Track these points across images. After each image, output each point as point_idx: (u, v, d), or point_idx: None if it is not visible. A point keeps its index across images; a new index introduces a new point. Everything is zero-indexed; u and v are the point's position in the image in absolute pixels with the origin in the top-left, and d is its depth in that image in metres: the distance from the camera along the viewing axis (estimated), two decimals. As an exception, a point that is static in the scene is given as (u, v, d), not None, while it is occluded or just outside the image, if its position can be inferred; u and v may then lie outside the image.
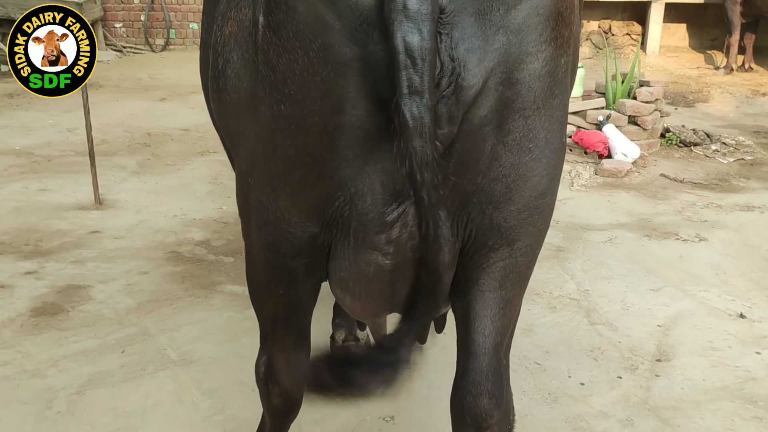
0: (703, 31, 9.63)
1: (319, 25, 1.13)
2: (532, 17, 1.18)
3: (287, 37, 1.18)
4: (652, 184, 4.56)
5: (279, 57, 1.20)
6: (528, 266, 1.43)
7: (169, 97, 7.25)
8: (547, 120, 1.29)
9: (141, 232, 3.84)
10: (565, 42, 1.27)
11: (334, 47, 1.14)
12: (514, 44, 1.18)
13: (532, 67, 1.21)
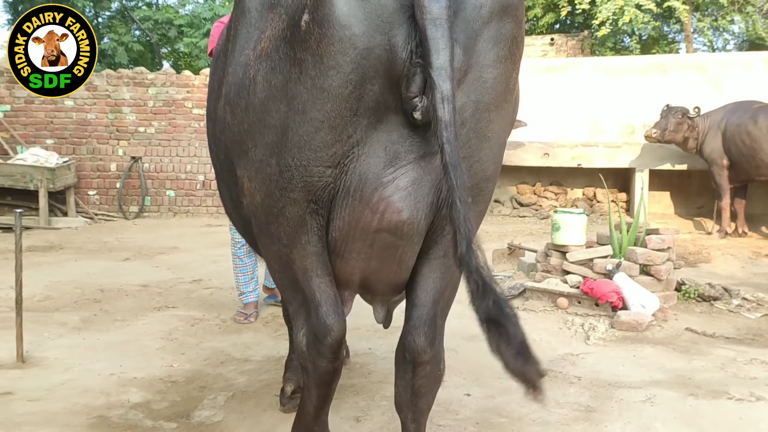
0: (688, 199, 9.54)
1: (353, 18, 1.53)
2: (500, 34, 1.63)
3: (327, 26, 1.54)
4: (680, 339, 3.93)
5: (318, 42, 1.56)
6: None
7: (134, 257, 6.69)
8: (501, 118, 1.72)
9: (64, 393, 3.06)
10: (517, 61, 1.71)
11: (361, 35, 1.53)
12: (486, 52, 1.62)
13: (495, 72, 1.64)
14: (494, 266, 6.05)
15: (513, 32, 1.66)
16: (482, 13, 1.60)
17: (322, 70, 1.57)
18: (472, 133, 1.65)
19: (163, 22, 15.06)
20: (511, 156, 9.45)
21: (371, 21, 1.53)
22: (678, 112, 8.06)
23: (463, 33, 1.57)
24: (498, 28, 1.62)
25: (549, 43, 14.23)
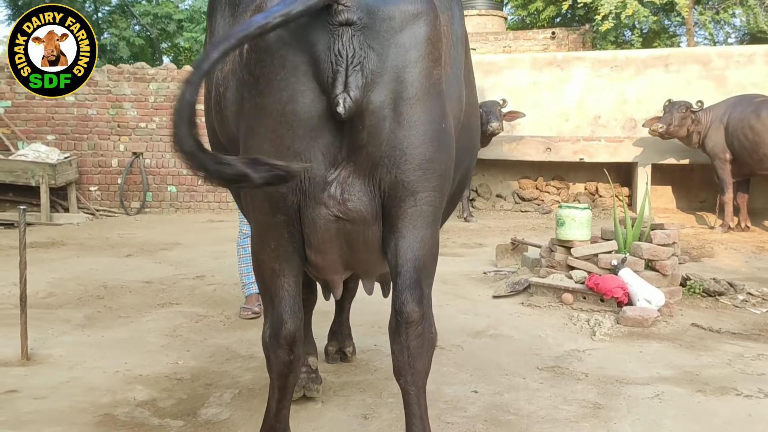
0: (690, 193, 9.52)
1: (280, 43, 1.82)
2: (413, 39, 1.88)
3: (260, 51, 1.85)
4: (686, 334, 3.92)
5: (255, 65, 1.87)
6: (432, 213, 1.98)
7: (136, 253, 6.68)
8: (426, 108, 1.91)
9: (69, 391, 3.05)
10: (437, 58, 1.94)
11: (289, 57, 1.83)
12: (401, 55, 1.87)
13: (414, 71, 1.88)
14: (497, 261, 6.04)
15: (427, 35, 1.90)
16: (392, 24, 1.86)
17: (259, 89, 1.88)
18: (395, 124, 1.88)
19: (162, 17, 15.00)
20: (513, 151, 9.44)
21: (295, 43, 1.82)
22: (681, 107, 8.03)
23: (376, 41, 1.84)
24: (411, 34, 1.88)
25: (550, 36, 14.19)
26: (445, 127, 2.00)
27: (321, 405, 2.88)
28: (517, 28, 16.64)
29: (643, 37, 13.87)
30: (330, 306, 3.60)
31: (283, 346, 2.08)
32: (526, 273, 5.14)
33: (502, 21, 15.95)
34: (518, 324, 4.11)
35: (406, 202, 1.93)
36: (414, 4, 1.90)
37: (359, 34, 1.82)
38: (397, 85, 1.87)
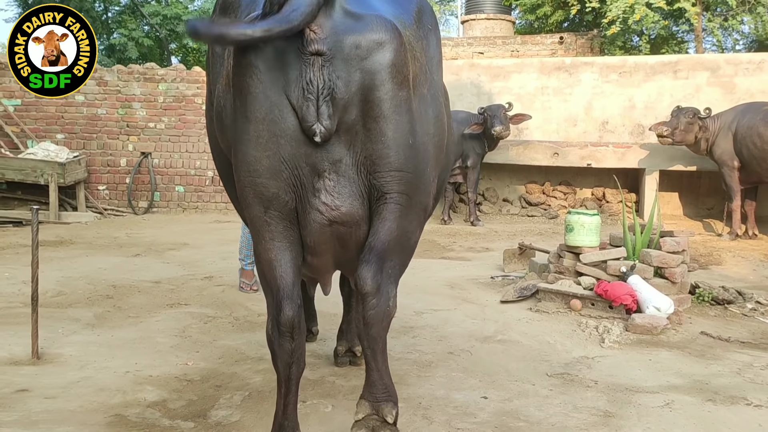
0: (698, 200, 9.50)
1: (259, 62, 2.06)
2: (378, 65, 2.10)
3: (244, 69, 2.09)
4: (695, 343, 3.92)
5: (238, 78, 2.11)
6: (399, 210, 2.25)
7: (144, 253, 6.70)
8: (392, 125, 2.16)
9: (80, 390, 3.06)
10: (402, 80, 2.16)
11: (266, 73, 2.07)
12: (368, 77, 2.10)
13: (380, 93, 2.12)
14: (505, 266, 6.04)
15: (391, 60, 2.13)
16: (359, 52, 2.08)
17: (243, 101, 2.12)
18: (366, 139, 2.15)
19: (171, 18, 15.04)
20: (520, 155, 9.44)
21: (272, 63, 2.07)
22: (689, 113, 8.01)
23: (344, 69, 2.08)
24: (375, 60, 2.11)
25: (558, 41, 14.17)
26: (413, 142, 2.24)
27: (331, 409, 2.89)
28: (525, 32, 16.63)
29: (651, 42, 13.84)
30: (338, 308, 3.62)
31: (284, 333, 2.24)
32: (534, 278, 5.13)
33: (510, 25, 15.94)
34: (527, 330, 4.11)
35: (378, 201, 2.24)
36: (378, 33, 2.12)
37: (329, 65, 2.06)
38: (365, 105, 2.12)
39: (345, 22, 2.10)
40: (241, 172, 2.19)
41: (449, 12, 24.64)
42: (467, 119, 8.91)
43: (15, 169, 8.89)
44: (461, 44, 14.34)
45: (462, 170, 9.03)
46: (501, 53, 13.79)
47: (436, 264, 6.33)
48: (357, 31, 2.10)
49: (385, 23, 2.15)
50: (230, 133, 2.26)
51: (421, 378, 3.26)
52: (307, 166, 2.13)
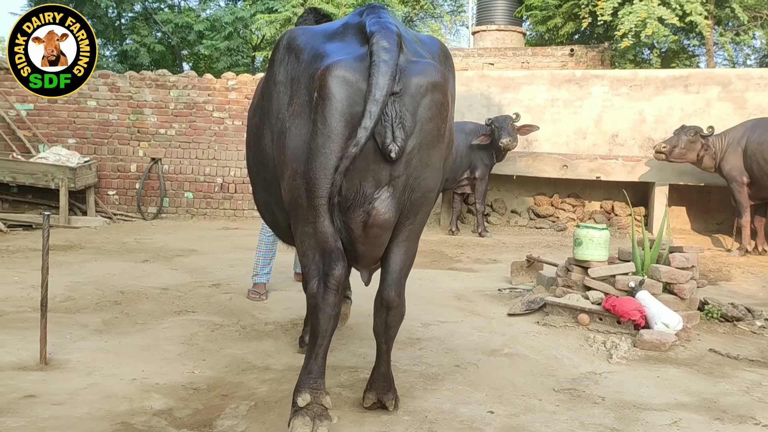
0: (707, 214, 9.45)
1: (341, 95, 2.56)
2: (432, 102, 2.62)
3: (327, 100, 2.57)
4: (703, 360, 3.89)
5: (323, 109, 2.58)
6: (421, 230, 2.86)
7: (152, 259, 6.73)
8: (436, 152, 2.71)
9: (87, 397, 3.07)
10: (445, 116, 2.71)
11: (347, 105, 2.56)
12: (425, 113, 2.62)
13: (430, 125, 2.63)
14: (512, 278, 6.03)
15: (441, 100, 2.66)
16: (420, 90, 2.61)
17: (326, 124, 2.57)
18: (419, 163, 2.65)
19: (183, 26, 15.14)
20: (529, 167, 9.43)
21: (351, 98, 2.55)
22: (690, 131, 8.02)
23: (410, 103, 2.58)
24: (431, 98, 2.63)
25: (569, 53, 14.18)
26: (440, 166, 2.81)
27: (337, 420, 2.88)
28: (536, 44, 16.65)
29: (662, 56, 13.83)
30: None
31: (331, 288, 2.68)
32: (541, 291, 5.12)
33: (521, 37, 15.97)
34: (533, 343, 4.10)
35: (409, 219, 2.75)
36: (434, 77, 2.65)
37: (399, 100, 2.57)
38: (421, 134, 2.62)
39: (409, 67, 2.61)
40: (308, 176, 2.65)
41: (460, 22, 24.69)
42: (476, 130, 8.92)
43: (26, 173, 8.96)
44: (472, 55, 14.37)
45: (470, 181, 9.03)
46: (511, 64, 13.81)
47: (444, 275, 6.33)
48: (419, 75, 2.62)
49: (437, 69, 2.69)
50: (297, 147, 2.72)
51: (428, 391, 3.25)
52: (372, 179, 2.62)
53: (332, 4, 12.93)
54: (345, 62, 2.58)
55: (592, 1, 12.71)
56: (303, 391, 2.68)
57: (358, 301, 4.71)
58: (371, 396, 2.97)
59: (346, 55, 2.63)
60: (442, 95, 2.65)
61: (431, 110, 2.62)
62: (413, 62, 2.64)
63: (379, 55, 2.54)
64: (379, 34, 2.59)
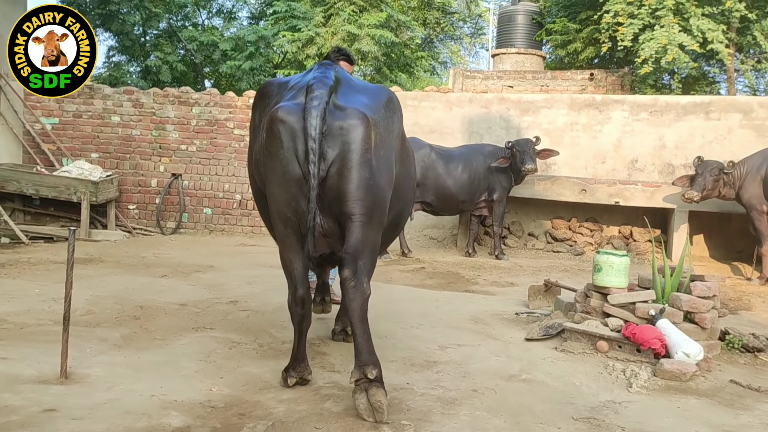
0: (727, 242, 9.36)
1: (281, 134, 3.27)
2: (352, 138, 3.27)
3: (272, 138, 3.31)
4: (724, 391, 3.84)
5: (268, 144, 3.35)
6: (362, 223, 3.31)
7: (171, 274, 6.78)
8: (358, 172, 3.27)
9: (106, 413, 3.09)
10: (367, 147, 3.30)
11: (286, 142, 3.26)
12: (346, 146, 3.26)
13: (351, 155, 3.26)
14: (530, 302, 6.00)
15: (361, 135, 3.29)
16: (341, 130, 3.28)
17: (272, 159, 3.33)
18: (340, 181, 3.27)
19: (207, 44, 15.37)
20: (547, 190, 9.41)
21: (289, 136, 3.26)
22: (714, 169, 7.99)
23: (332, 140, 3.26)
24: (352, 135, 3.29)
25: (588, 77, 14.21)
26: (373, 182, 3.34)
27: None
28: (555, 67, 16.70)
29: (682, 82, 13.81)
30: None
31: (298, 303, 3.49)
32: (559, 317, 5.08)
33: (540, 60, 16.03)
34: (552, 370, 4.07)
35: (348, 219, 3.31)
36: (354, 119, 3.30)
37: (324, 138, 3.24)
38: (342, 161, 3.27)
39: (335, 112, 3.29)
40: (271, 202, 3.44)
41: (480, 45, 24.84)
42: (494, 152, 8.93)
43: (49, 186, 9.09)
44: (491, 77, 14.44)
45: (488, 203, 9.02)
46: (531, 87, 13.85)
47: (460, 297, 6.31)
48: (340, 117, 3.30)
49: (359, 113, 3.32)
50: (263, 175, 3.49)
51: (445, 416, 3.24)
52: (304, 198, 3.26)
53: (355, 25, 13.08)
54: (286, 107, 3.31)
55: (612, 27, 12.75)
56: (292, 373, 3.56)
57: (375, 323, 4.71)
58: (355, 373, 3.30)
59: (290, 101, 3.35)
60: (363, 131, 3.29)
61: (352, 143, 3.27)
62: (339, 108, 3.32)
63: (311, 103, 3.25)
64: (314, 86, 3.30)
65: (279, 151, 3.25)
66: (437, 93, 10.55)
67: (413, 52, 16.10)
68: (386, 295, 6.05)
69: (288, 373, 3.55)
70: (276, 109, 3.30)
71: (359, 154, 3.27)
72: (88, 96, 10.27)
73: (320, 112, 3.21)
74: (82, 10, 13.70)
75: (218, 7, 17.53)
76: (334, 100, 3.32)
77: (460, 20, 21.56)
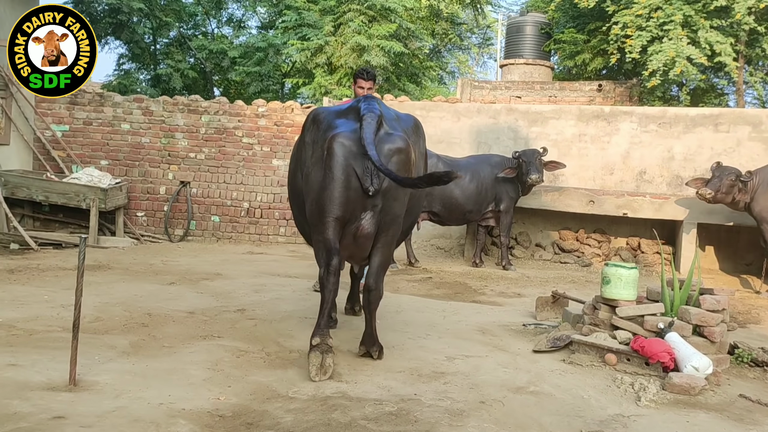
0: (736, 254, 9.31)
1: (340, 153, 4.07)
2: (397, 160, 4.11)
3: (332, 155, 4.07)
4: (734, 406, 3.82)
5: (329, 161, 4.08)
6: (392, 241, 4.33)
7: (179, 281, 6.80)
8: (400, 192, 4.17)
9: (115, 420, 3.10)
10: (408, 169, 4.15)
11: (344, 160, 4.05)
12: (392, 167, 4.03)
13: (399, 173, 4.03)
14: (537, 313, 5.98)
15: (405, 159, 4.12)
16: (390, 152, 4.08)
17: (331, 171, 4.02)
18: (388, 199, 4.10)
19: (217, 52, 15.45)
20: (555, 201, 9.40)
21: (348, 155, 4.02)
22: (731, 174, 7.92)
23: (384, 160, 3.98)
24: (398, 158, 4.10)
25: (596, 88, 14.20)
26: (405, 200, 4.26)
27: None
28: (564, 78, 16.69)
29: (690, 94, 13.78)
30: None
31: (333, 272, 4.03)
32: (567, 328, 5.07)
33: (549, 71, 16.03)
34: (560, 382, 4.05)
35: (382, 233, 4.18)
36: (400, 143, 4.13)
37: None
38: (390, 181, 3.97)
39: (384, 137, 4.11)
40: (323, 206, 4.07)
41: (488, 55, 24.89)
42: (501, 163, 8.93)
43: (59, 192, 9.14)
44: (499, 88, 14.45)
45: (495, 213, 9.01)
46: (539, 98, 13.85)
47: (468, 308, 6.30)
48: (389, 142, 4.11)
49: (404, 138, 4.17)
50: (315, 184, 4.15)
51: (453, 427, 3.23)
52: (361, 207, 4.07)
53: (365, 36, 13.13)
54: (344, 133, 4.07)
55: (620, 38, 12.75)
56: (316, 336, 3.98)
57: (383, 332, 4.71)
58: (362, 348, 4.37)
59: (345, 128, 4.10)
60: (406, 156, 4.13)
61: (396, 165, 4.04)
62: (388, 134, 4.13)
63: (365, 127, 4.02)
64: (366, 115, 4.08)
65: (338, 168, 3.99)
66: (445, 103, 10.57)
67: (422, 62, 16.14)
68: (393, 304, 6.04)
69: (313, 337, 4.01)
70: (336, 134, 4.06)
71: (405, 172, 4.09)
72: (98, 103, 10.34)
73: (373, 137, 3.99)
74: (93, 18, 13.80)
75: (228, 16, 17.64)
76: (385, 127, 4.16)
77: (468, 30, 21.61)
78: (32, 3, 9.12)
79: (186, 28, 16.50)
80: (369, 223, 4.07)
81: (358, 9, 13.44)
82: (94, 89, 11.03)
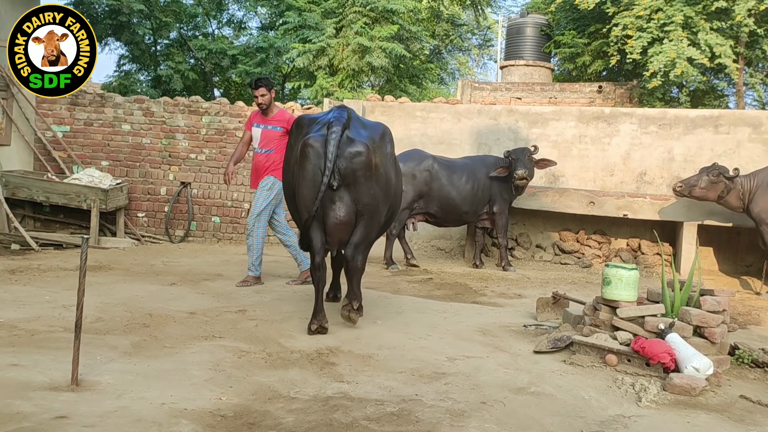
0: (736, 256, 9.33)
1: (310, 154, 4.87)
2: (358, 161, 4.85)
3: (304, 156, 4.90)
4: (734, 407, 3.82)
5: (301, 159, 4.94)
6: (367, 222, 5.00)
7: (180, 282, 6.80)
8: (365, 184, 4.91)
9: (117, 420, 3.11)
10: (370, 167, 4.89)
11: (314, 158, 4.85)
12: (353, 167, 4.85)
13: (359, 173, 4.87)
14: (538, 314, 5.99)
15: (365, 160, 4.84)
16: (351, 155, 4.81)
17: (303, 170, 4.86)
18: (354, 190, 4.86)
19: (217, 52, 15.46)
20: (555, 202, 9.41)
21: (316, 154, 4.80)
22: (714, 171, 7.96)
23: (344, 161, 4.78)
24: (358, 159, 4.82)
25: (597, 90, 14.22)
26: (374, 192, 4.93)
27: None
28: (564, 79, 16.72)
29: (691, 95, 13.80)
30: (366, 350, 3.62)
31: (317, 268, 4.91)
32: (568, 329, 5.08)
33: (549, 72, 16.06)
34: (560, 382, 4.06)
35: (359, 217, 4.91)
36: (360, 147, 4.83)
37: (339, 159, 4.74)
38: (353, 178, 4.80)
39: (347, 142, 4.81)
40: (299, 199, 4.94)
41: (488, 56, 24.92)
42: (496, 163, 8.90)
43: (60, 193, 9.15)
44: (499, 89, 14.47)
45: (489, 215, 8.98)
46: (539, 99, 13.87)
47: (468, 309, 6.30)
48: (351, 146, 4.81)
49: (364, 143, 4.85)
50: (296, 180, 4.98)
51: (454, 428, 3.24)
52: (328, 198, 4.78)
53: (366, 38, 13.15)
54: (314, 137, 4.82)
55: (621, 40, 12.77)
56: (314, 322, 4.85)
57: (383, 333, 4.72)
58: (345, 301, 5.09)
59: (316, 133, 4.84)
60: (366, 157, 4.81)
61: (358, 165, 4.78)
62: (350, 139, 4.82)
63: (330, 135, 4.74)
64: (333, 124, 4.80)
65: (309, 166, 4.76)
66: (446, 104, 10.58)
67: (422, 63, 16.16)
68: (394, 305, 6.05)
69: (310, 323, 4.83)
70: (308, 138, 4.82)
71: (364, 172, 4.81)
72: (99, 104, 10.35)
73: (336, 142, 4.71)
74: (93, 19, 13.80)
75: (228, 17, 17.66)
76: (347, 133, 4.82)
77: (468, 32, 21.64)
78: (32, 3, 9.12)
79: (186, 29, 16.51)
80: (342, 212, 4.79)
81: (360, 11, 13.46)
82: (95, 90, 11.04)
